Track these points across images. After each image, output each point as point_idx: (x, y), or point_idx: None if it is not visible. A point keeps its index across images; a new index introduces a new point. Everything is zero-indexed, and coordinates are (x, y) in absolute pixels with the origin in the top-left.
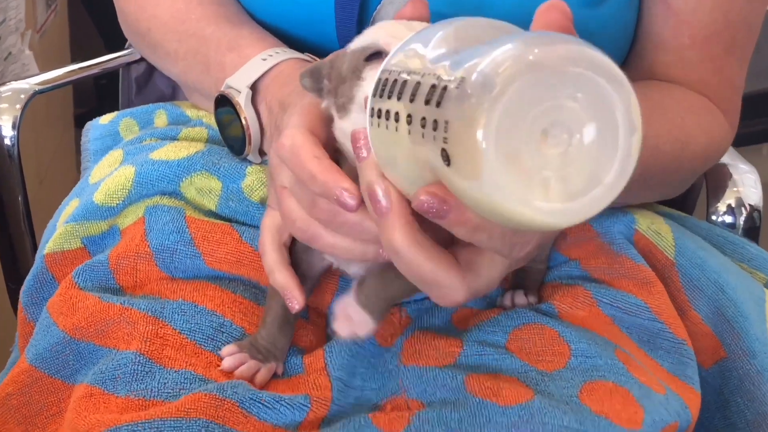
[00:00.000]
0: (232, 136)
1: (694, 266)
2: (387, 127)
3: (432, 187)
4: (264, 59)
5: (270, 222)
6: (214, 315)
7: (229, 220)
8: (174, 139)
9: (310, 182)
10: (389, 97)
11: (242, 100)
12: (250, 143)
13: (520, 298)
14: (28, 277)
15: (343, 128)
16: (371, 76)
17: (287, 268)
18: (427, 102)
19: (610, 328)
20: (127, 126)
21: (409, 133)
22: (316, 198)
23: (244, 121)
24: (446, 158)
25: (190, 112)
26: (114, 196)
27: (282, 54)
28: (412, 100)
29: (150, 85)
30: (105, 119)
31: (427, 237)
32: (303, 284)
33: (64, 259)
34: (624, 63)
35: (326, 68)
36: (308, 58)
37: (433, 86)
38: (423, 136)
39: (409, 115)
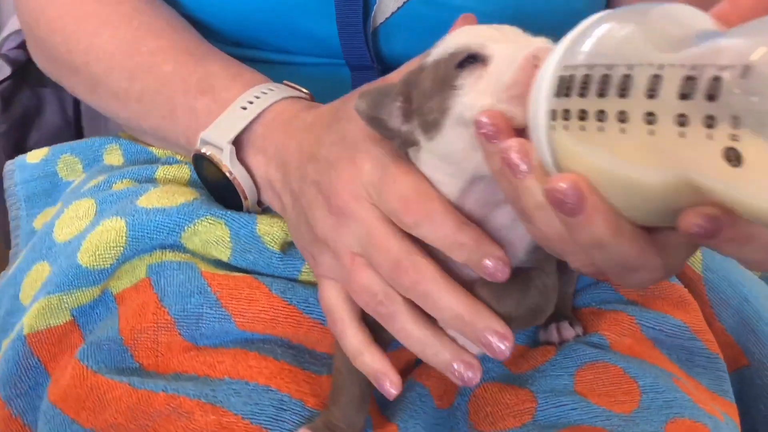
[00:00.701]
0: (221, 192)
1: (721, 279)
2: (584, 129)
3: (705, 208)
4: (244, 107)
5: (337, 294)
6: (269, 391)
7: (247, 273)
8: (151, 180)
9: (455, 248)
10: (582, 95)
11: (226, 158)
12: (246, 199)
13: (568, 331)
14: (4, 364)
15: (435, 150)
16: (470, 83)
17: (377, 349)
18: (685, 96)
19: (652, 351)
20: (67, 165)
21: (653, 133)
22: (402, 258)
23: (233, 180)
24: (734, 158)
25: (157, 149)
26: (105, 256)
27: (270, 94)
28: (652, 96)
29: (16, 102)
30: (34, 157)
31: (625, 220)
32: None
33: (51, 337)
34: None
35: (398, 89)
36: (303, 94)
37: (690, 78)
38: (683, 135)
39: (650, 113)
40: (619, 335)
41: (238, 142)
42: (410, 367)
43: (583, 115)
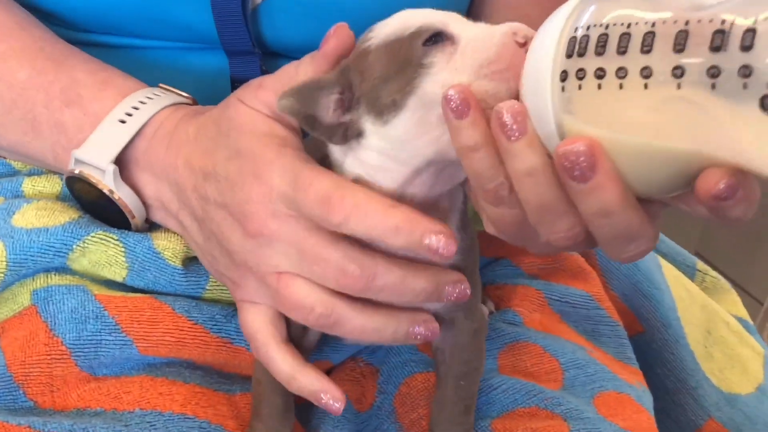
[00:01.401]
0: (99, 212)
1: None
2: (600, 87)
3: (723, 170)
4: (123, 120)
5: (260, 317)
6: (186, 419)
7: (146, 293)
8: (18, 195)
9: (390, 234)
10: (599, 54)
11: (109, 180)
12: (134, 218)
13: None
14: None
15: (389, 135)
16: (441, 60)
17: (311, 369)
18: (717, 48)
19: (560, 326)
20: None
21: (680, 87)
22: (346, 264)
23: (118, 201)
24: None
25: (15, 162)
26: None
27: (149, 104)
28: (680, 50)
29: None
30: None
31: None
32: None
33: None
34: None
35: (334, 79)
36: (183, 99)
37: (719, 31)
38: (714, 87)
39: (677, 67)
40: (529, 311)
41: (118, 160)
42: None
43: (601, 73)
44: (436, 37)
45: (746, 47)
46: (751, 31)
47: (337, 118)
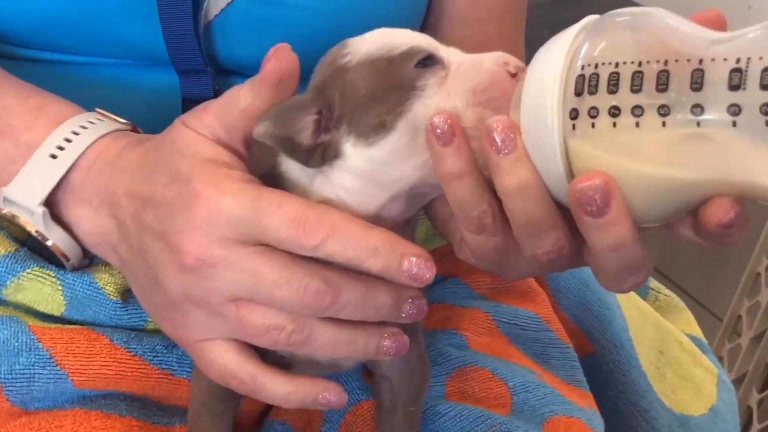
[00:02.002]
0: (31, 248)
1: None
2: (615, 126)
3: (729, 199)
4: (54, 155)
5: (233, 353)
6: None
7: (83, 325)
8: None
9: (368, 256)
10: (612, 92)
11: (38, 223)
12: (69, 260)
13: None
14: None
15: (372, 157)
16: (434, 84)
17: (301, 378)
18: (736, 87)
19: (508, 349)
20: None
21: (699, 124)
22: (310, 282)
23: (51, 247)
24: None
25: None
26: None
27: (84, 133)
28: (697, 89)
29: None
30: None
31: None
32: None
33: None
34: None
35: (310, 100)
36: (123, 125)
37: (736, 70)
38: (736, 125)
39: (696, 105)
40: (476, 334)
41: (52, 197)
42: (266, 408)
43: (615, 112)
44: (428, 60)
45: (766, 86)
46: None
47: (314, 140)
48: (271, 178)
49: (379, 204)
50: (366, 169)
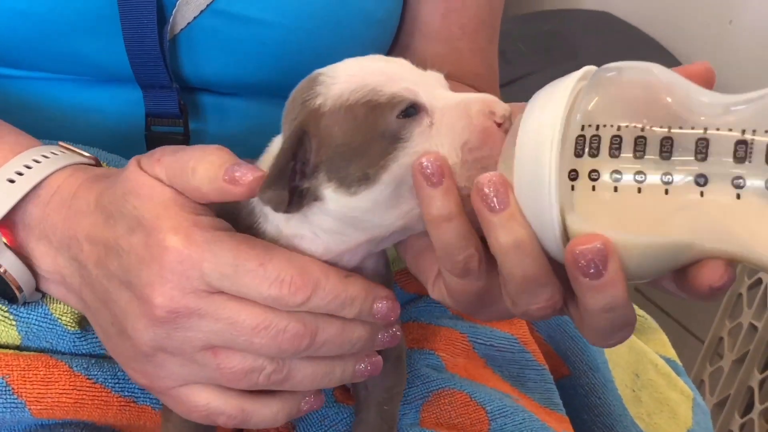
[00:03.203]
0: None
1: None
2: (617, 190)
3: (721, 262)
4: (12, 179)
5: (214, 394)
6: None
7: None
8: None
9: (346, 305)
10: (613, 156)
11: None
12: (21, 292)
13: None
14: None
15: (353, 206)
16: (419, 135)
17: (285, 396)
18: (741, 159)
19: (484, 372)
20: None
21: (703, 195)
22: (289, 326)
23: (3, 274)
24: None
25: None
26: None
27: (44, 163)
28: (702, 159)
29: None
30: None
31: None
32: None
33: None
34: (388, 55)
35: (287, 148)
36: (85, 159)
37: (742, 142)
38: (740, 197)
39: (701, 175)
40: (452, 355)
41: (8, 224)
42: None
43: (617, 177)
44: (410, 109)
45: None
46: None
47: (290, 185)
48: (237, 212)
49: (355, 244)
50: (348, 215)
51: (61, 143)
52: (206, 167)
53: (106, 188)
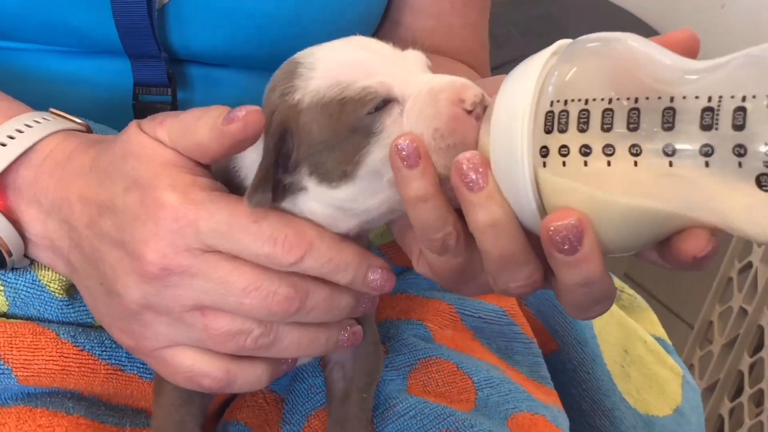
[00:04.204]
0: None
1: None
2: (587, 164)
3: (706, 231)
4: (3, 143)
5: (200, 355)
6: None
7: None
8: None
9: (340, 269)
10: (581, 131)
11: None
12: (10, 255)
13: None
14: None
15: (336, 198)
16: (390, 125)
17: (252, 358)
18: (708, 127)
19: (472, 344)
20: None
21: (672, 165)
22: (279, 288)
23: None
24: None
25: None
26: None
27: (36, 128)
28: (669, 128)
29: None
30: None
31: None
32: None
33: None
34: (378, 31)
35: (274, 149)
36: (77, 125)
37: (708, 109)
38: (708, 165)
39: (668, 145)
40: (440, 326)
41: (3, 194)
42: (221, 409)
43: (586, 150)
44: (381, 103)
45: (738, 126)
46: (741, 111)
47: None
48: (235, 182)
49: (346, 227)
50: (333, 204)
51: (52, 110)
52: (206, 120)
53: (103, 150)
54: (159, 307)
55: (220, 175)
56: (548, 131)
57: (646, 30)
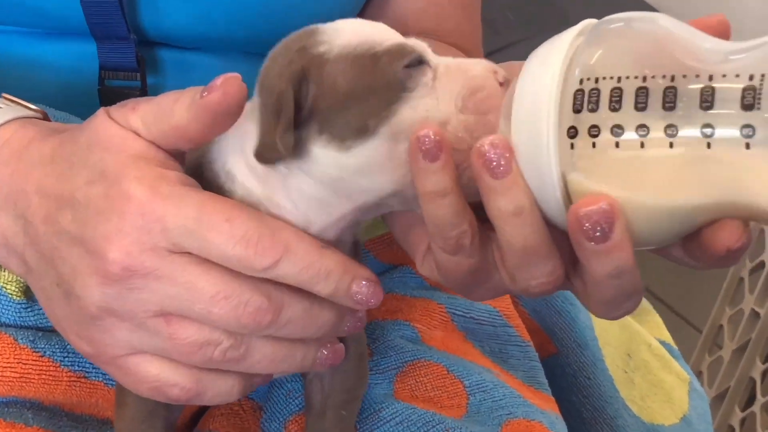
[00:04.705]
0: None
1: None
2: (618, 146)
3: (739, 222)
4: None
5: (165, 363)
6: None
7: None
8: None
9: (321, 279)
10: (614, 110)
11: None
12: None
13: None
14: None
15: (348, 165)
16: (424, 85)
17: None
18: (750, 107)
19: (464, 346)
20: None
21: (710, 146)
22: (252, 297)
23: None
24: None
25: None
26: None
27: None
28: (708, 108)
29: None
30: None
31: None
32: None
33: None
34: (364, 11)
35: (289, 94)
36: (32, 113)
37: (750, 89)
38: (749, 147)
39: (707, 125)
40: (429, 327)
41: None
42: (192, 420)
43: (618, 131)
44: (416, 62)
45: None
46: None
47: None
48: (206, 177)
49: (338, 216)
50: (334, 176)
51: (5, 95)
52: (184, 100)
53: (66, 139)
54: (121, 311)
55: (192, 173)
56: (577, 111)
57: (647, 10)
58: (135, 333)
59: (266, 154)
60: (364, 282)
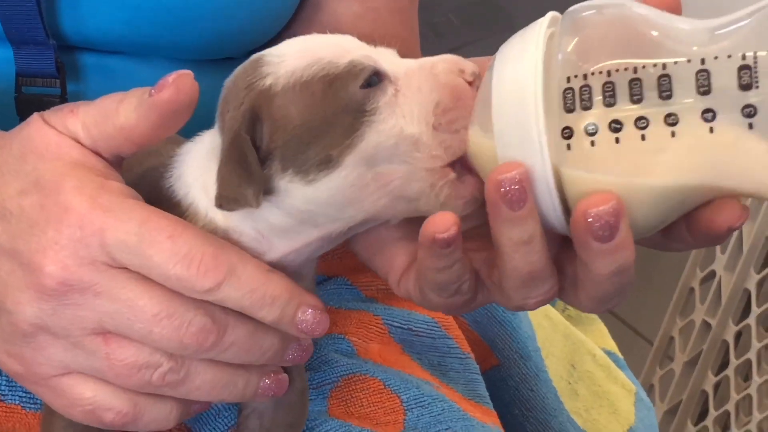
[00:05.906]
0: None
1: None
2: (618, 141)
3: (736, 201)
4: None
5: (100, 385)
6: None
7: None
8: None
9: (265, 304)
10: (609, 105)
11: None
12: None
13: None
14: None
15: (314, 198)
16: (385, 104)
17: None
18: (748, 86)
19: (401, 358)
20: None
21: (712, 131)
22: (195, 318)
23: None
24: None
25: None
26: None
27: None
28: (705, 92)
29: None
30: None
31: None
32: None
33: None
34: (296, 17)
35: (243, 137)
36: None
37: (745, 67)
38: (752, 126)
39: (708, 110)
40: (365, 340)
41: None
42: None
43: (617, 126)
44: (373, 77)
45: None
46: None
47: None
48: (161, 188)
49: (303, 244)
50: (302, 209)
51: None
52: (130, 100)
53: None
54: (56, 328)
55: (138, 181)
56: (570, 110)
57: None
58: (70, 352)
59: (227, 206)
60: (309, 310)
